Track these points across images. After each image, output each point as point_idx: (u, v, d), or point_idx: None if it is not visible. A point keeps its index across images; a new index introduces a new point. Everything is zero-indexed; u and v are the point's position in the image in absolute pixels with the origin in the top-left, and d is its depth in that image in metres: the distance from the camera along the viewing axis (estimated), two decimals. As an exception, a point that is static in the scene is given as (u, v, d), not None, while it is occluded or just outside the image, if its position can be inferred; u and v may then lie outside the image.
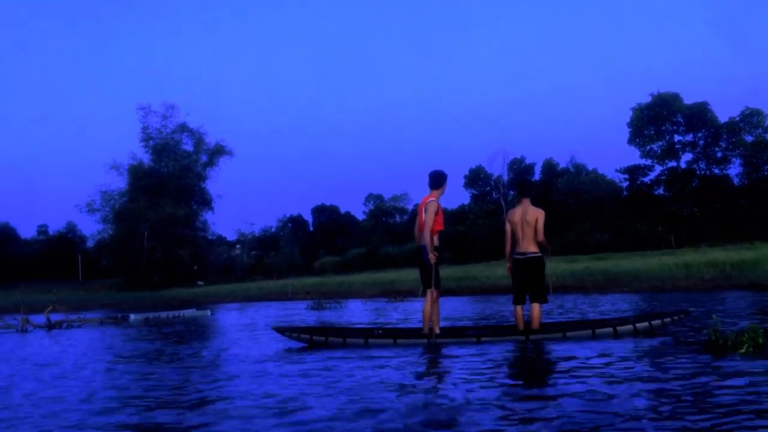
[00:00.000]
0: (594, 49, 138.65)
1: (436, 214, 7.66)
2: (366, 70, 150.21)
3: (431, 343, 7.46)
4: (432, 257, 7.56)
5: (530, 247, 7.73)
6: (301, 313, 17.34)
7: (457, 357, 6.29)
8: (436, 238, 7.74)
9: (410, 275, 31.29)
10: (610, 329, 7.45)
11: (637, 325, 7.45)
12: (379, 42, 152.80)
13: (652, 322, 7.49)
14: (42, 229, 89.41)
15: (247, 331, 11.54)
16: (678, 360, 5.29)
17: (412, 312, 14.71)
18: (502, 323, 9.20)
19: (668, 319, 7.56)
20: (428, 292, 7.69)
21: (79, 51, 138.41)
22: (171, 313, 19.07)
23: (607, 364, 5.29)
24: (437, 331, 7.72)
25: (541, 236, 7.68)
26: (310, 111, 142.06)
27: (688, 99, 59.40)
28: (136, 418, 4.12)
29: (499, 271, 28.82)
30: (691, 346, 6.04)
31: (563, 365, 5.46)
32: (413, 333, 7.88)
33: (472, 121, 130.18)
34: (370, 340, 7.75)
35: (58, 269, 75.27)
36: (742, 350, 5.34)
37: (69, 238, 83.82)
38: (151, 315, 18.51)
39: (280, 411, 3.99)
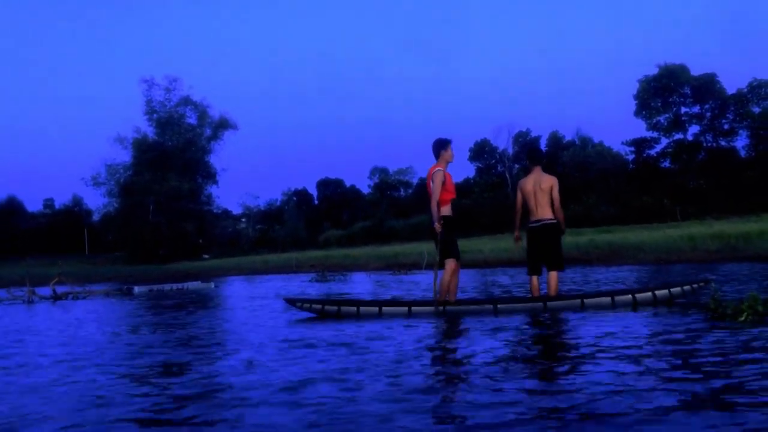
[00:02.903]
0: (600, 20, 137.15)
1: (444, 183, 7.55)
2: (370, 42, 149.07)
3: (438, 311, 7.39)
4: (437, 226, 7.47)
5: (546, 214, 7.55)
6: (304, 286, 17.37)
7: (473, 326, 6.22)
8: (448, 207, 7.64)
9: (415, 248, 31.30)
10: (629, 297, 7.36)
11: (657, 293, 7.35)
12: (384, 15, 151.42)
13: (672, 290, 7.38)
14: (48, 203, 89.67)
15: (250, 303, 11.58)
16: (676, 326, 5.29)
17: (417, 284, 14.70)
18: (518, 296, 9.05)
19: (688, 288, 7.45)
20: (446, 262, 7.60)
21: (82, 23, 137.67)
22: (174, 286, 19.15)
23: (613, 334, 5.29)
24: (452, 299, 7.66)
25: (557, 203, 7.53)
26: (314, 83, 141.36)
27: (696, 70, 58.87)
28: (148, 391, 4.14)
29: (503, 244, 28.79)
30: (697, 314, 6.04)
31: (579, 334, 5.44)
32: (428, 303, 7.72)
33: (477, 94, 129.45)
34: (384, 309, 7.63)
35: (64, 243, 75.62)
36: (742, 318, 5.32)
37: (75, 212, 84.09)
38: (154, 287, 18.61)
39: (285, 389, 3.98)
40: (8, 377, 4.62)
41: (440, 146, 7.77)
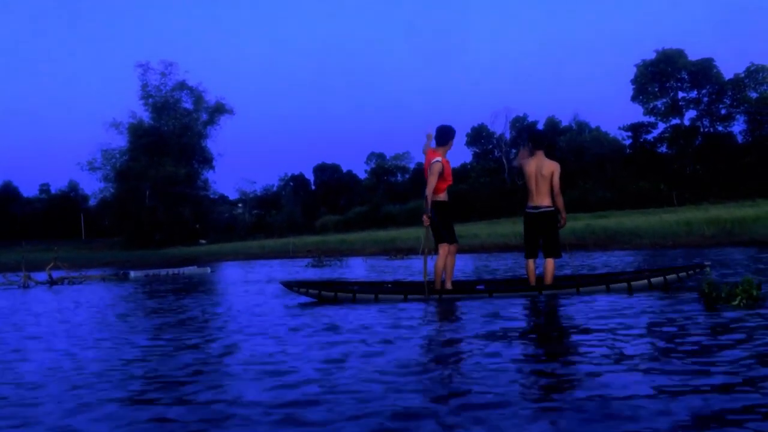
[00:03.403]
0: (598, 5, 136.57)
1: (441, 172, 7.53)
2: (368, 28, 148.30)
3: (430, 296, 7.41)
4: (425, 219, 7.51)
5: (544, 201, 7.52)
6: (301, 271, 17.39)
7: (468, 312, 6.22)
8: (444, 193, 7.66)
9: (411, 233, 31.30)
10: (624, 284, 7.34)
11: (652, 279, 7.33)
12: (382, 1, 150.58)
13: (667, 277, 7.36)
14: (44, 188, 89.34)
15: (247, 287, 11.58)
16: (670, 312, 5.31)
17: (413, 269, 14.71)
18: (511, 278, 9.03)
19: (683, 274, 7.43)
20: (440, 247, 7.62)
21: (79, 8, 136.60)
22: (171, 270, 19.15)
23: (606, 316, 5.30)
24: (448, 284, 7.66)
25: (557, 189, 7.49)
26: (311, 68, 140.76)
27: (693, 55, 58.63)
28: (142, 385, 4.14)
29: (499, 229, 28.83)
30: (691, 298, 6.06)
31: (572, 322, 5.46)
32: (423, 288, 7.70)
33: (474, 79, 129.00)
34: (380, 296, 7.58)
35: (60, 228, 75.45)
36: (735, 302, 5.34)
37: (71, 197, 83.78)
38: (150, 272, 18.60)
39: (271, 372, 3.98)
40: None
41: (448, 135, 7.76)
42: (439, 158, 7.59)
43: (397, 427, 2.61)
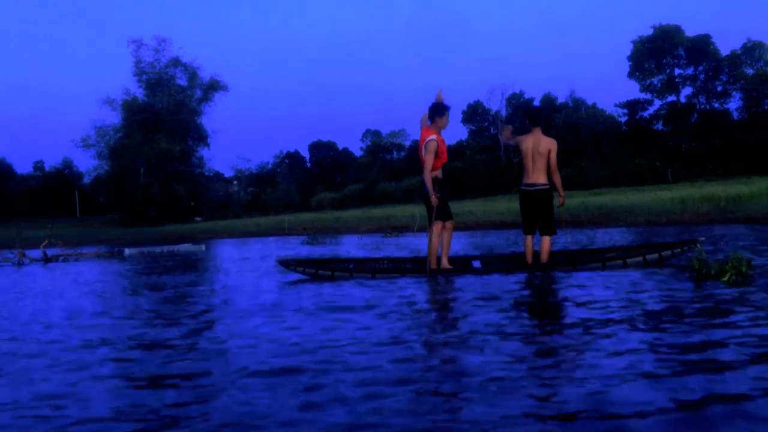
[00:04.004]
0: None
1: (437, 151, 7.46)
2: (363, 7, 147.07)
3: (431, 274, 7.42)
4: (434, 199, 7.46)
5: (540, 179, 7.50)
6: (296, 248, 17.39)
7: (466, 289, 6.22)
8: (438, 171, 7.61)
9: (407, 211, 31.31)
10: (620, 261, 7.40)
11: (647, 256, 7.38)
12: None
13: (662, 253, 7.43)
14: (38, 165, 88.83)
15: (242, 265, 11.60)
16: (660, 288, 5.34)
17: (408, 246, 14.73)
18: (508, 254, 9.05)
19: (678, 250, 7.49)
20: (434, 224, 7.60)
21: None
22: (165, 248, 19.16)
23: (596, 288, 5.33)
24: (445, 261, 7.63)
25: (554, 166, 7.48)
26: (306, 45, 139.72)
27: (690, 31, 58.38)
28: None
29: (495, 206, 28.83)
30: (682, 275, 6.09)
31: (567, 298, 5.50)
32: (421, 265, 7.69)
33: (470, 56, 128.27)
34: (378, 273, 7.59)
35: (55, 205, 75.22)
36: (725, 279, 5.36)
37: (65, 174, 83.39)
38: (145, 249, 18.61)
39: (265, 347, 4.00)
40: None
41: (436, 112, 7.63)
42: (433, 136, 7.50)
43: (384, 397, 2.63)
